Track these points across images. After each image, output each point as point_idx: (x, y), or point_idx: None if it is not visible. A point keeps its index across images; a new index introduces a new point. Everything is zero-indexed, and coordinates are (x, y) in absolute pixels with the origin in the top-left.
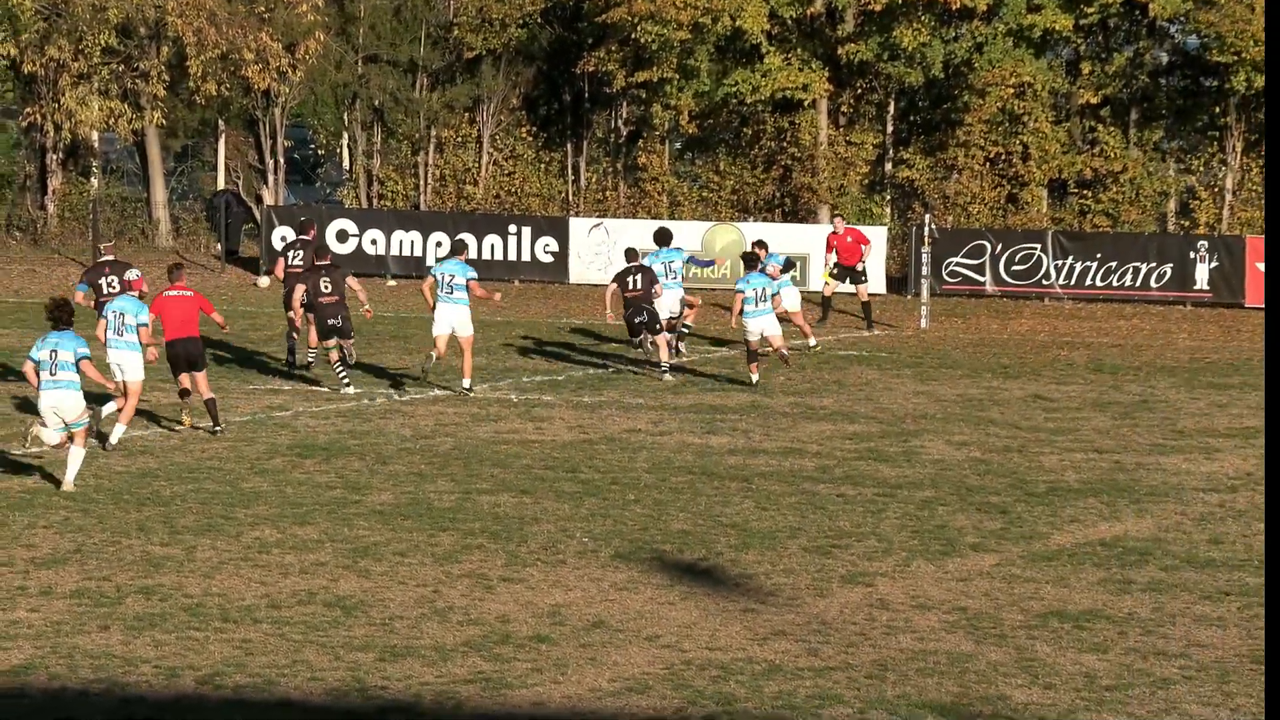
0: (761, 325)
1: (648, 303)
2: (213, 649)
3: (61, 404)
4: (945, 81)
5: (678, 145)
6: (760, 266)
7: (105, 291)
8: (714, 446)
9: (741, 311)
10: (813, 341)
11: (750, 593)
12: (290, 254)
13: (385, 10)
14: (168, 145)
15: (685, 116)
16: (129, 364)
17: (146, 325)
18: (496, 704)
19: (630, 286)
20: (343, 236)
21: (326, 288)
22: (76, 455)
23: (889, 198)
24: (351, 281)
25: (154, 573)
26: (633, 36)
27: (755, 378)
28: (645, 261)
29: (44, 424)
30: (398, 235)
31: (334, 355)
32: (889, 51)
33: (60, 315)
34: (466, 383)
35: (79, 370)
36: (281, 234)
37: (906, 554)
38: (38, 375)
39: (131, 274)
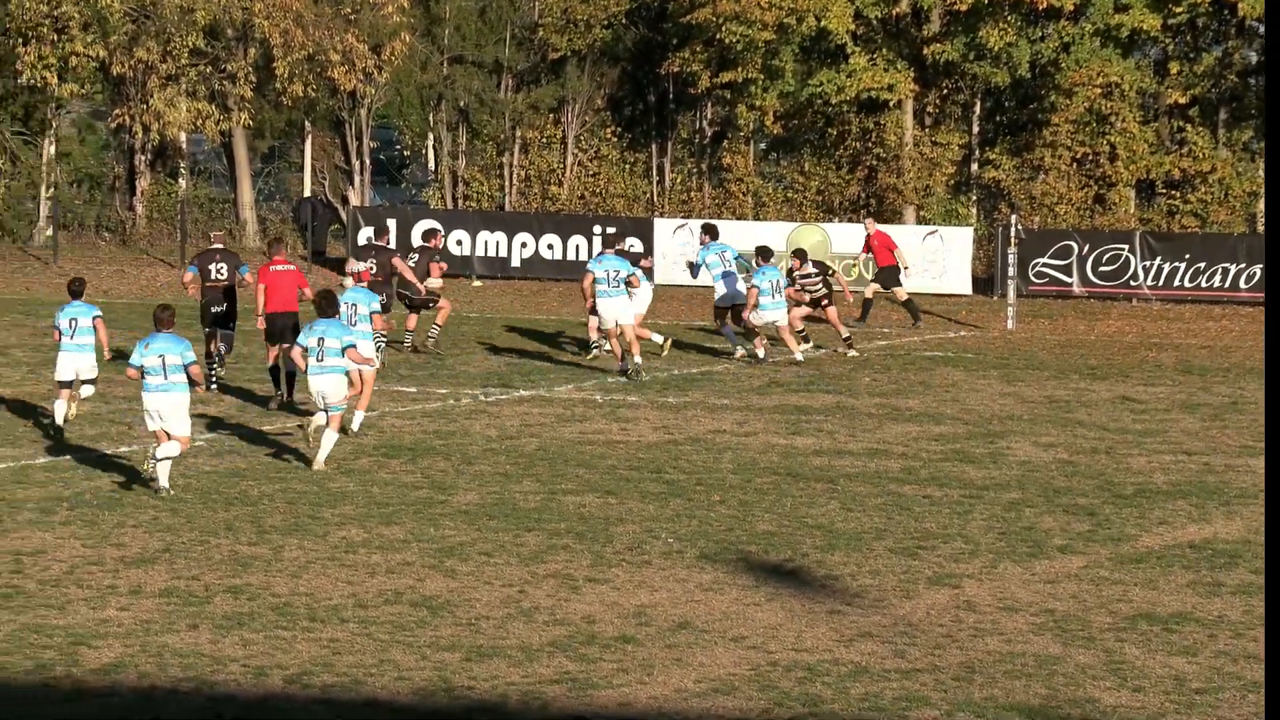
0: (774, 316)
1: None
2: (300, 648)
3: (326, 388)
4: (1032, 81)
5: (762, 146)
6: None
7: (213, 277)
8: (799, 447)
9: (757, 305)
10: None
11: (836, 594)
12: (365, 261)
13: (470, 11)
14: (254, 146)
15: (770, 117)
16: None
17: (380, 313)
18: (582, 704)
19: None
20: (428, 238)
21: (372, 268)
22: (330, 438)
23: (974, 198)
24: (398, 263)
25: (242, 572)
26: (718, 37)
27: (762, 352)
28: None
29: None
30: (483, 236)
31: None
32: (975, 51)
33: (326, 306)
34: (637, 360)
35: (344, 356)
36: (367, 235)
37: (993, 556)
38: (305, 359)
39: (359, 266)
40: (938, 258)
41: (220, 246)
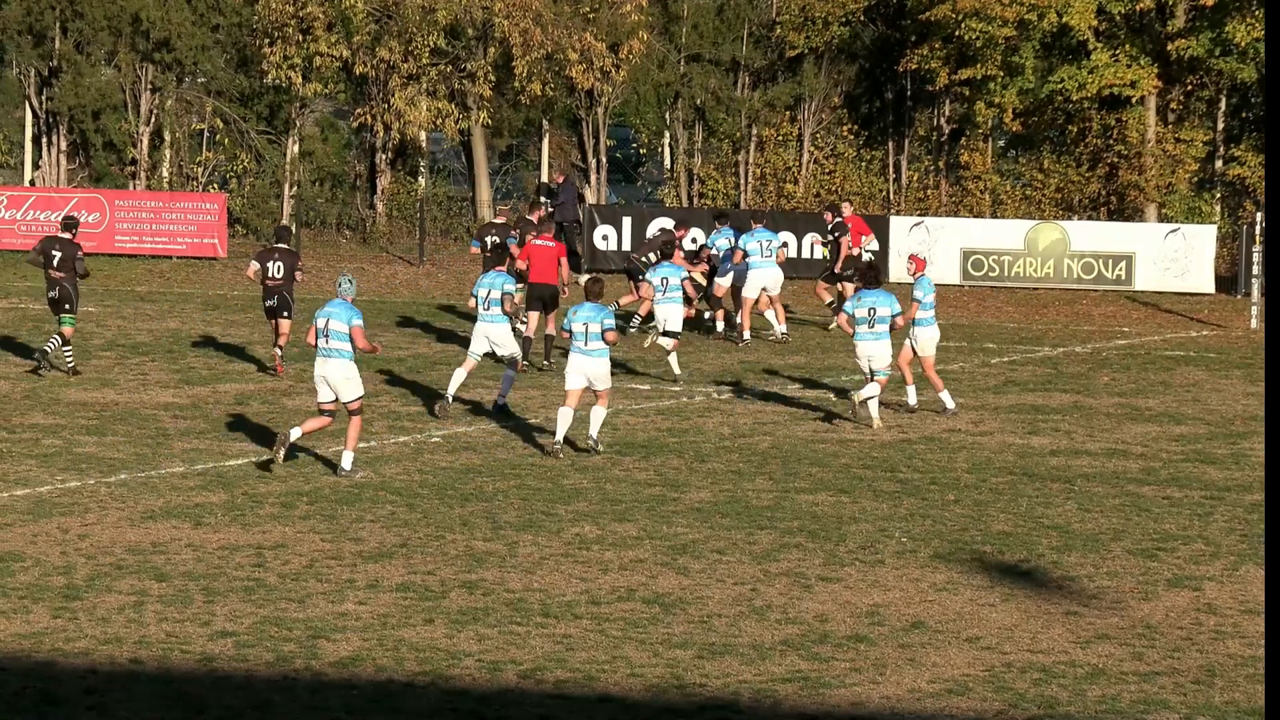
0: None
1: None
2: (534, 644)
3: (874, 354)
4: (1265, 102)
5: (1001, 143)
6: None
7: (489, 248)
8: (1035, 447)
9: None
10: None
11: (1073, 595)
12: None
13: (708, 9)
14: (492, 145)
15: (1009, 114)
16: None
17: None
18: (815, 703)
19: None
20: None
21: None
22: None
23: (1218, 196)
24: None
25: (477, 568)
26: (956, 34)
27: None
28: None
29: None
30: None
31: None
32: (1221, 47)
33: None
34: (781, 328)
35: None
36: (604, 233)
37: (1235, 558)
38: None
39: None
40: (1180, 256)
41: (501, 221)
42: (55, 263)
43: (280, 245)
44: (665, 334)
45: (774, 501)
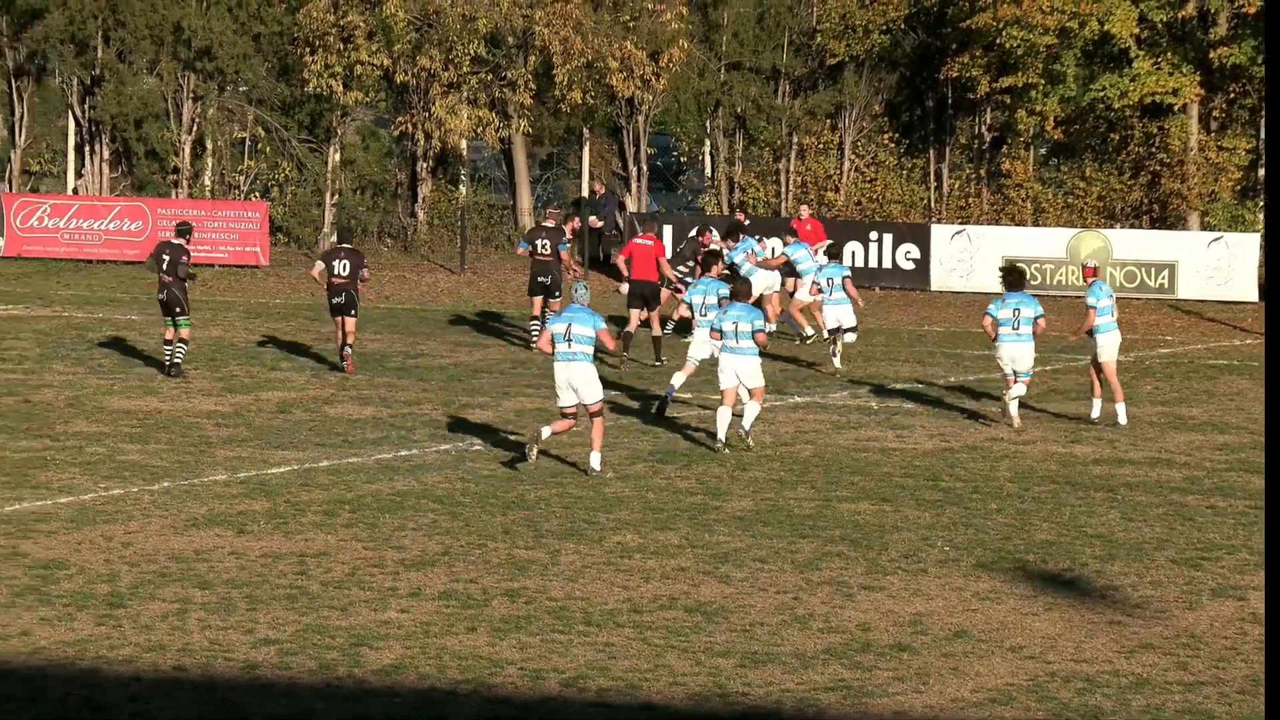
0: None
1: None
2: (576, 652)
3: (1017, 356)
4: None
5: (1042, 151)
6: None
7: (539, 251)
8: (1078, 456)
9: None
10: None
11: (1116, 604)
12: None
13: (749, 18)
14: (533, 153)
15: (1051, 122)
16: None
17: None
18: (857, 712)
19: None
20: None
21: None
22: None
23: (1262, 204)
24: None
25: (519, 576)
26: (998, 42)
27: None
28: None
29: None
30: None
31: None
32: (1263, 54)
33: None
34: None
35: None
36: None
37: None
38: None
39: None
40: (1223, 264)
41: (551, 224)
42: (165, 266)
43: (344, 245)
44: (846, 330)
45: (816, 510)
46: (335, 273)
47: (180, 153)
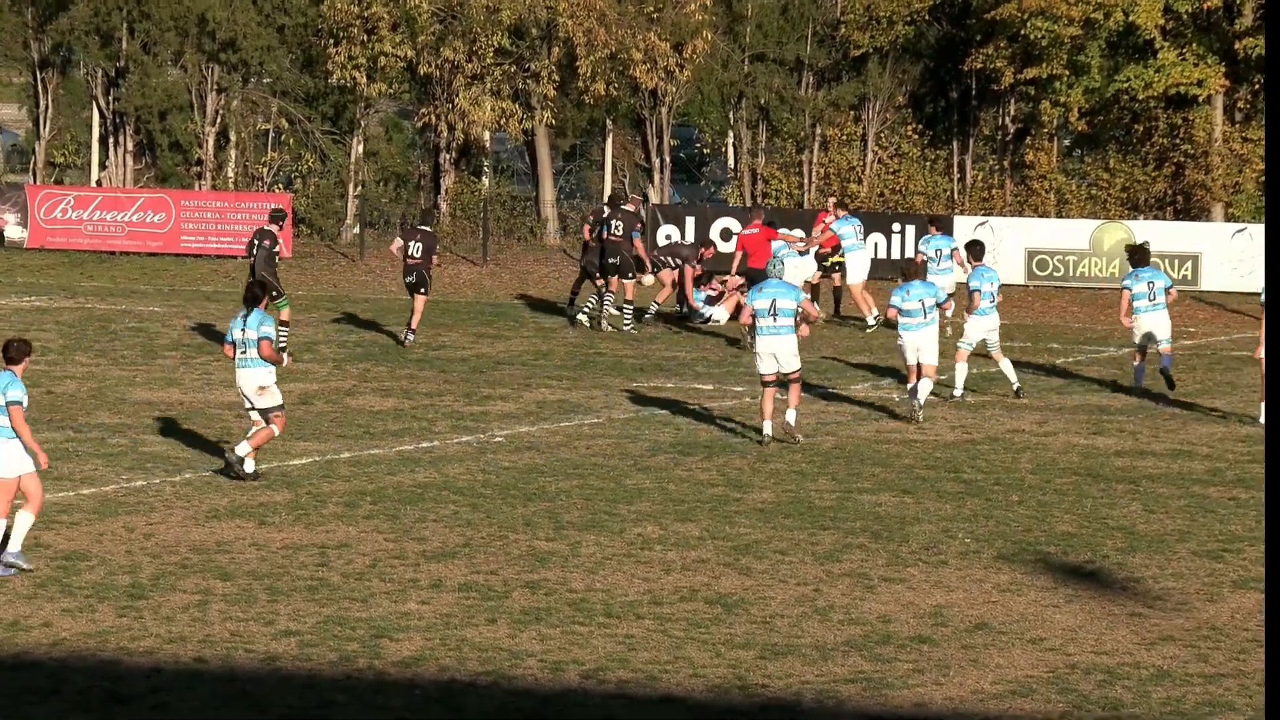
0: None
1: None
2: (596, 644)
3: (1158, 324)
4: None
5: (1066, 142)
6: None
7: (612, 232)
8: (1100, 448)
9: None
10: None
11: (1138, 596)
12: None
13: (772, 9)
14: (556, 145)
15: (1075, 113)
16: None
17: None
18: (877, 704)
19: None
20: (726, 235)
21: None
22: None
23: None
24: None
25: (539, 568)
26: (1022, 33)
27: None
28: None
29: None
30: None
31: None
32: (1264, 52)
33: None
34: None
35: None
36: (667, 233)
37: None
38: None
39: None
40: (1247, 256)
41: (425, 228)
42: (254, 251)
43: (423, 227)
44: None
45: (837, 502)
46: (410, 253)
47: (204, 145)
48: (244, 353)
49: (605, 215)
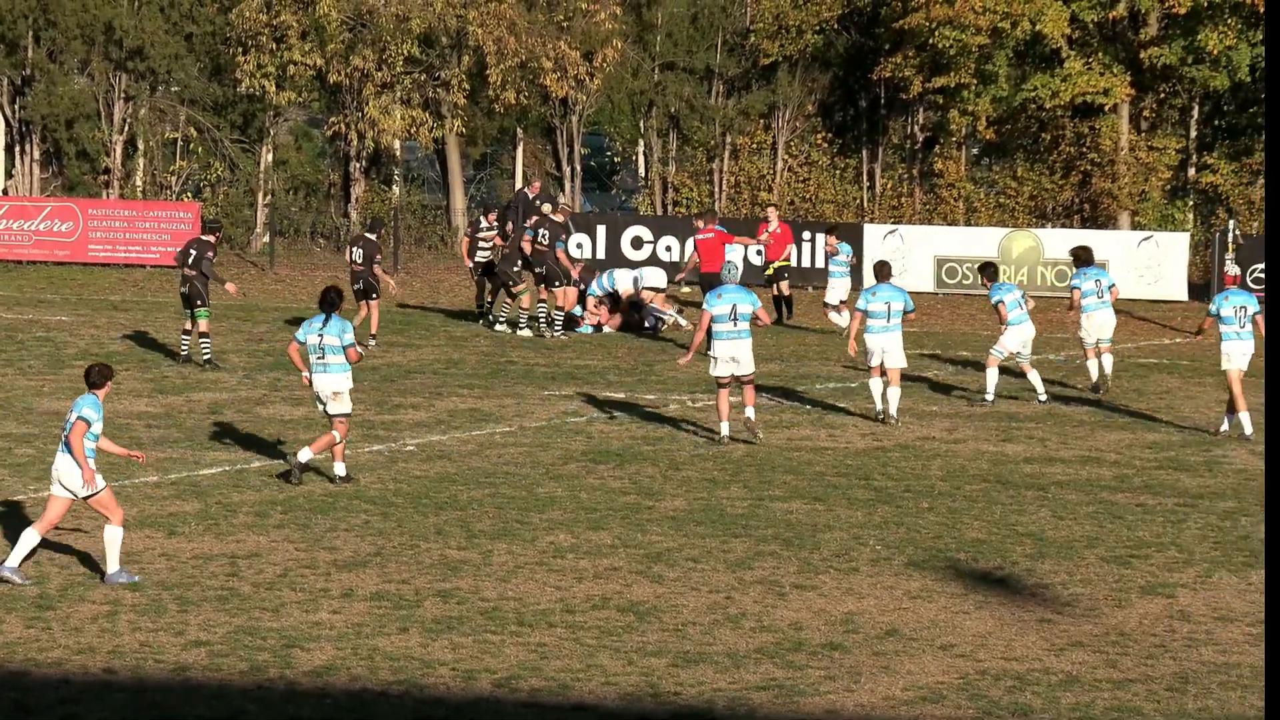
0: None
1: None
2: (509, 652)
3: (1104, 323)
4: (1251, 85)
5: (974, 151)
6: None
7: (539, 240)
8: (1009, 454)
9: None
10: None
11: (1047, 602)
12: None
13: (682, 18)
14: (467, 153)
15: (983, 122)
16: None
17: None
18: (789, 711)
19: None
20: (637, 243)
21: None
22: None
23: (1191, 204)
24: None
25: (451, 576)
26: (930, 42)
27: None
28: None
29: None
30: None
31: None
32: (1193, 55)
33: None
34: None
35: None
36: (578, 241)
37: (1208, 565)
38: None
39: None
40: (1153, 264)
41: (369, 236)
42: (190, 260)
43: (367, 234)
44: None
45: (748, 509)
46: (351, 259)
47: (112, 153)
48: (320, 358)
49: (534, 223)
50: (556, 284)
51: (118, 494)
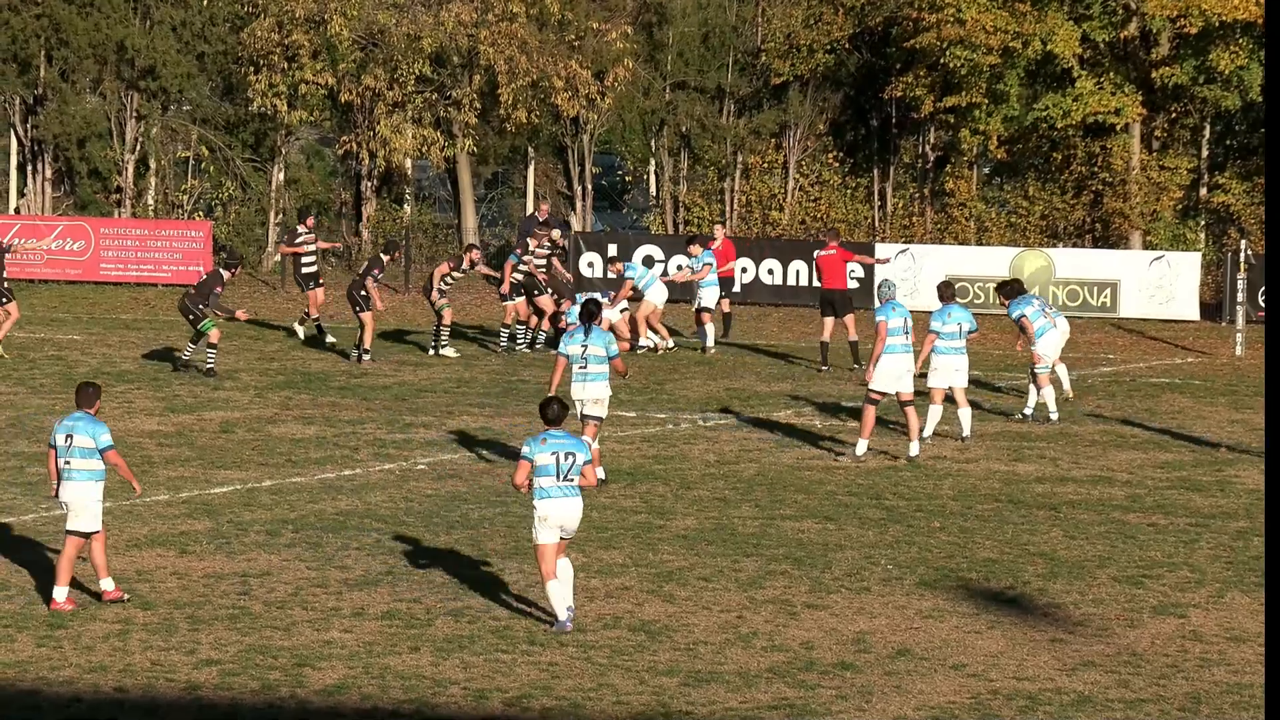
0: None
1: None
2: (520, 672)
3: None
4: (1263, 105)
5: (986, 170)
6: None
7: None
8: (1021, 474)
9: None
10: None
11: (1058, 622)
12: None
13: (694, 37)
14: (478, 172)
15: (994, 141)
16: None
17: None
18: None
19: None
20: (649, 262)
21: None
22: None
23: (1203, 223)
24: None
25: (463, 595)
26: (941, 61)
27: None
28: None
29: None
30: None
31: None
32: (1205, 75)
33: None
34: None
35: None
36: (589, 259)
37: (1220, 585)
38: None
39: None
40: (1165, 283)
41: (385, 254)
42: (196, 284)
43: (386, 253)
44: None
45: (760, 529)
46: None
47: (123, 172)
48: (583, 367)
49: (520, 250)
50: (552, 295)
51: (129, 511)
